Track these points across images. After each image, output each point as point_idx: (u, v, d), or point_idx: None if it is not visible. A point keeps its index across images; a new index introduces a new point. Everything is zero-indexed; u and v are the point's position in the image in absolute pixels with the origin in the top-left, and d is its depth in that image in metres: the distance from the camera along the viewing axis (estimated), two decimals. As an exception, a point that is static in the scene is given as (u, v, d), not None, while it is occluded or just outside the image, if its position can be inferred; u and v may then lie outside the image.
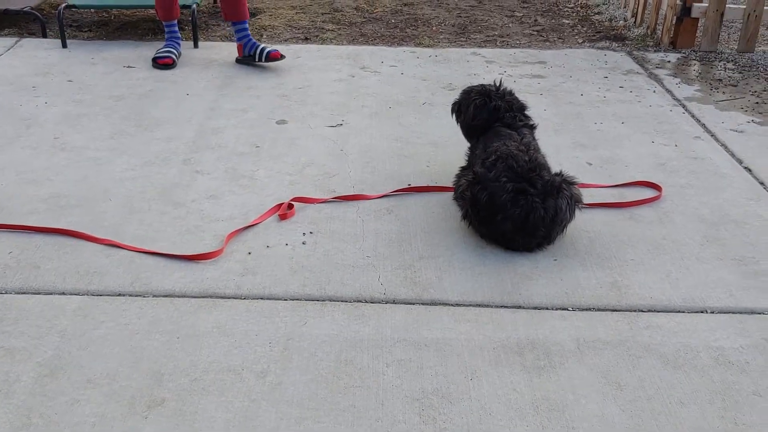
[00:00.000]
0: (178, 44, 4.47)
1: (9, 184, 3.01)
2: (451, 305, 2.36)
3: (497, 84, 3.05)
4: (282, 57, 4.31)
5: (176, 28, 4.48)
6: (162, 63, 4.30)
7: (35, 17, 4.88)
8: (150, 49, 4.68)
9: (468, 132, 3.05)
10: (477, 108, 2.97)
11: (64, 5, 4.77)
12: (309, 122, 3.69)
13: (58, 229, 2.69)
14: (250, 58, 4.37)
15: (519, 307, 2.36)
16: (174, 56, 4.35)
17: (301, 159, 3.30)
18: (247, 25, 4.40)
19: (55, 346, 2.13)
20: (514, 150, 2.68)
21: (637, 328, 2.27)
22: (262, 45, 4.37)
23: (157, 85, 4.10)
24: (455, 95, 3.20)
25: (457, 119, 3.13)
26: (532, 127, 2.98)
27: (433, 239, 2.71)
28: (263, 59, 4.30)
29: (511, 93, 3.03)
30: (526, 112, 3.01)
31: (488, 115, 2.93)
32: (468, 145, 3.05)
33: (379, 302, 2.36)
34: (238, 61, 4.47)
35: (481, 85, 3.07)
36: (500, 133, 2.85)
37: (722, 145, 3.52)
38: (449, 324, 2.26)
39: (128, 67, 4.38)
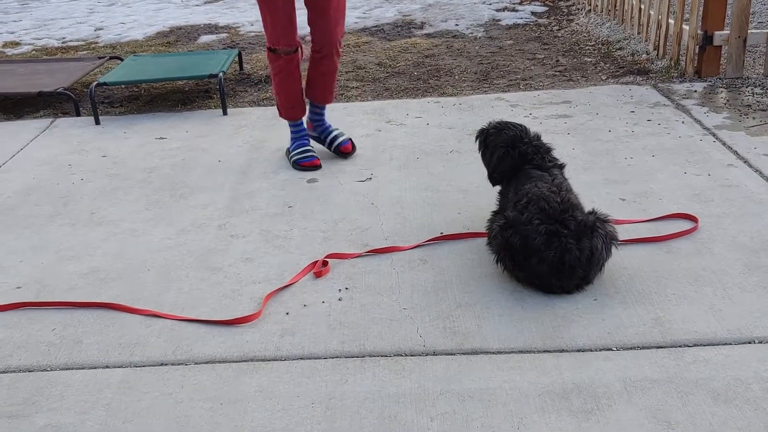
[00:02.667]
0: (308, 141, 3.98)
1: (49, 262, 3.08)
2: (493, 353, 2.33)
3: (522, 129, 3.02)
4: (353, 150, 4.03)
5: (304, 127, 3.99)
6: (308, 165, 3.86)
7: (68, 97, 5.03)
8: (180, 119, 4.79)
9: (492, 179, 3.03)
10: (500, 159, 2.94)
11: (95, 83, 4.92)
12: (339, 179, 3.72)
13: (99, 303, 2.73)
14: (319, 140, 4.09)
15: (562, 350, 2.33)
16: (317, 156, 3.91)
17: (333, 215, 3.32)
18: (325, 110, 4.07)
19: (101, 421, 2.14)
20: (545, 191, 2.67)
21: (684, 363, 2.22)
22: (335, 132, 4.05)
23: (189, 155, 4.19)
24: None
25: (480, 149, 3.09)
26: (562, 167, 2.97)
27: (470, 286, 2.70)
28: (332, 150, 4.03)
29: (538, 138, 3.00)
30: (552, 154, 2.99)
31: (513, 162, 2.91)
32: (498, 189, 3.05)
33: (420, 354, 2.35)
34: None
35: (508, 126, 3.02)
36: (531, 175, 2.84)
37: (756, 170, 3.48)
38: (492, 373, 2.24)
39: (160, 138, 4.48)
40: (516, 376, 2.22)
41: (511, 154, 2.92)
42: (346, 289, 2.74)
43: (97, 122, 4.81)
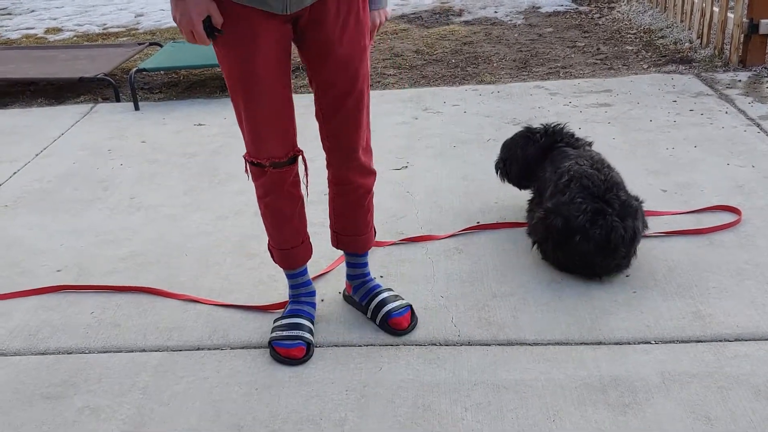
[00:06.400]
0: (312, 307, 2.49)
1: (89, 245, 3.12)
2: (529, 344, 2.31)
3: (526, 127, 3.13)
4: (410, 327, 2.41)
5: (306, 280, 2.49)
6: (284, 355, 2.31)
7: (108, 83, 5.08)
8: (218, 106, 4.81)
9: (523, 175, 3.03)
10: (523, 149, 2.99)
11: (135, 69, 4.97)
12: (375, 167, 3.70)
13: (137, 287, 2.76)
14: (357, 306, 2.54)
15: (600, 343, 2.30)
16: (305, 341, 2.33)
17: (370, 204, 3.31)
18: (366, 260, 2.54)
19: (137, 403, 2.17)
20: (588, 169, 2.63)
21: (724, 358, 2.18)
22: (384, 295, 2.47)
23: (227, 141, 4.20)
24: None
25: (503, 177, 3.15)
26: (590, 144, 2.97)
27: (506, 277, 2.68)
28: (378, 323, 2.44)
29: (556, 124, 3.06)
30: (575, 137, 3.02)
31: (538, 144, 2.95)
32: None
33: (454, 344, 2.33)
34: (345, 298, 2.61)
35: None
36: (567, 154, 2.81)
37: (802, 162, 3.40)
38: (528, 364, 2.22)
39: (198, 124, 4.51)
40: (552, 368, 2.20)
41: (532, 138, 2.98)
42: (381, 277, 2.73)
43: (137, 108, 4.86)
